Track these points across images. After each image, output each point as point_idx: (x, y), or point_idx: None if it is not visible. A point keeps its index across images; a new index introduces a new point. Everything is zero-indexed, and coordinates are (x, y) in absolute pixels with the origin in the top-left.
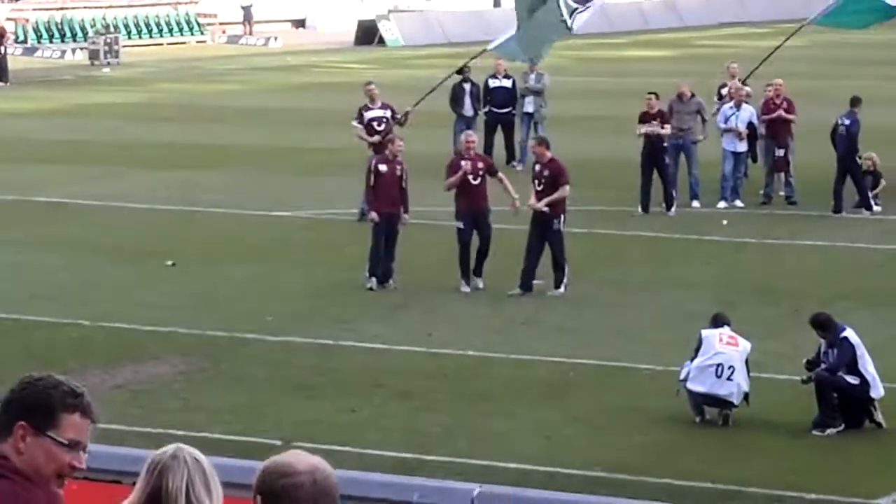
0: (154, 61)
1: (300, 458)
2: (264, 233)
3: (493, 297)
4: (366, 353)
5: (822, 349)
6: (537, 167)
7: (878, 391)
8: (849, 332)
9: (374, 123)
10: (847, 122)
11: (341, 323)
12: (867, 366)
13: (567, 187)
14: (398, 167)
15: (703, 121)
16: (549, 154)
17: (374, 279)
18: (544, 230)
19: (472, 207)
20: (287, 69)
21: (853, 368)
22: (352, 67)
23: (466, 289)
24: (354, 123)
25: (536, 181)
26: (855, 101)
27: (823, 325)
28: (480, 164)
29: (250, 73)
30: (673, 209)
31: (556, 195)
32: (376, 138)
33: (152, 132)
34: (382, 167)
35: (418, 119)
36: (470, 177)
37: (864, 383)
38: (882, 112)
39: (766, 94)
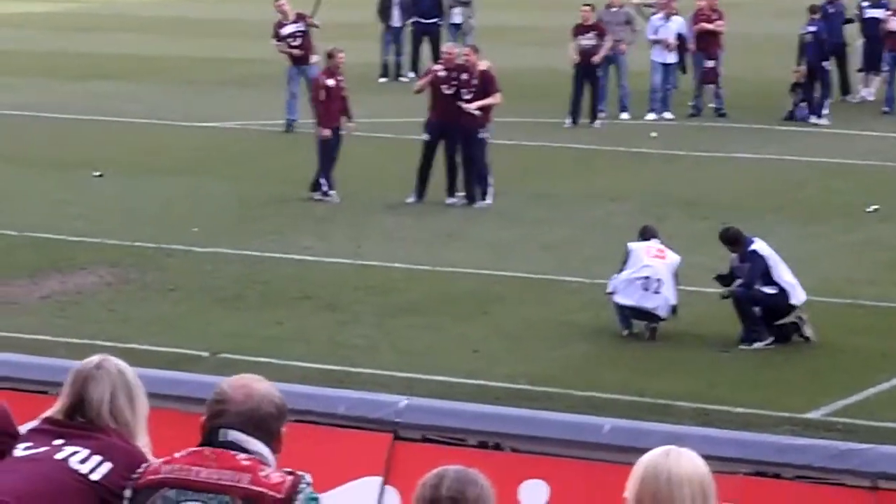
0: None
1: (238, 385)
2: (190, 144)
3: (421, 211)
4: (293, 265)
5: (734, 263)
6: (465, 76)
7: (797, 297)
8: (758, 245)
9: (290, 39)
10: (813, 28)
11: (269, 235)
12: (782, 274)
13: (499, 95)
14: (341, 78)
15: (633, 31)
16: (480, 63)
17: (332, 192)
18: (468, 139)
19: (443, 118)
20: None
21: (768, 279)
22: None
23: (411, 199)
24: (273, 42)
25: (465, 90)
26: (814, 9)
27: (732, 239)
28: (464, 76)
29: None
30: (598, 122)
31: (488, 100)
32: (296, 52)
33: (75, 42)
34: (330, 81)
35: (346, 31)
36: (443, 85)
37: (782, 292)
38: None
39: (697, 4)
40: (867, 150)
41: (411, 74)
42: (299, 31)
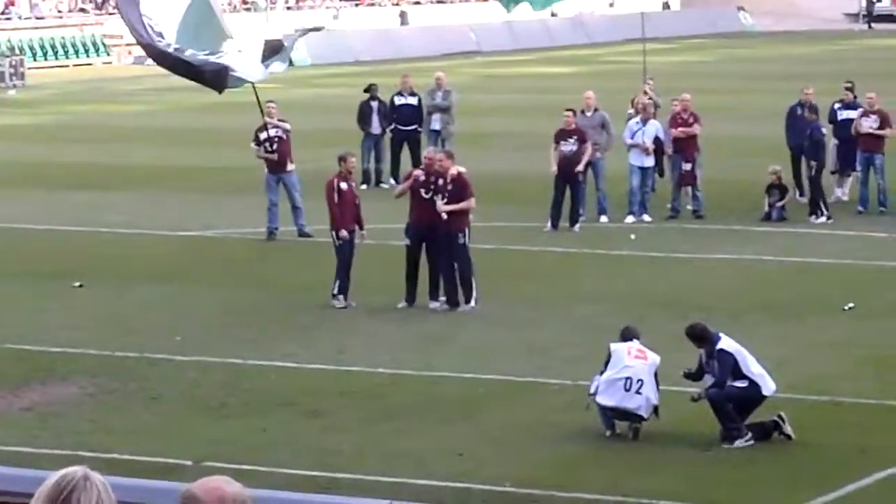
0: (60, 83)
1: (209, 489)
2: (172, 252)
3: (404, 315)
4: (276, 372)
5: (703, 359)
6: (440, 181)
7: (768, 388)
8: (724, 342)
9: (267, 144)
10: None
11: (251, 342)
12: (750, 367)
13: (472, 200)
14: (353, 184)
15: (608, 134)
16: (453, 168)
17: (341, 297)
18: (450, 245)
19: (421, 222)
20: (193, 89)
21: (738, 373)
22: (259, 87)
23: (402, 304)
24: (252, 146)
25: (440, 196)
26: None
27: (699, 336)
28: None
29: (156, 94)
30: (577, 225)
31: (462, 204)
32: (273, 157)
33: (57, 153)
34: (343, 185)
35: (328, 138)
36: (422, 190)
37: (753, 384)
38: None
39: (673, 108)
40: (843, 250)
41: (392, 181)
42: (277, 137)
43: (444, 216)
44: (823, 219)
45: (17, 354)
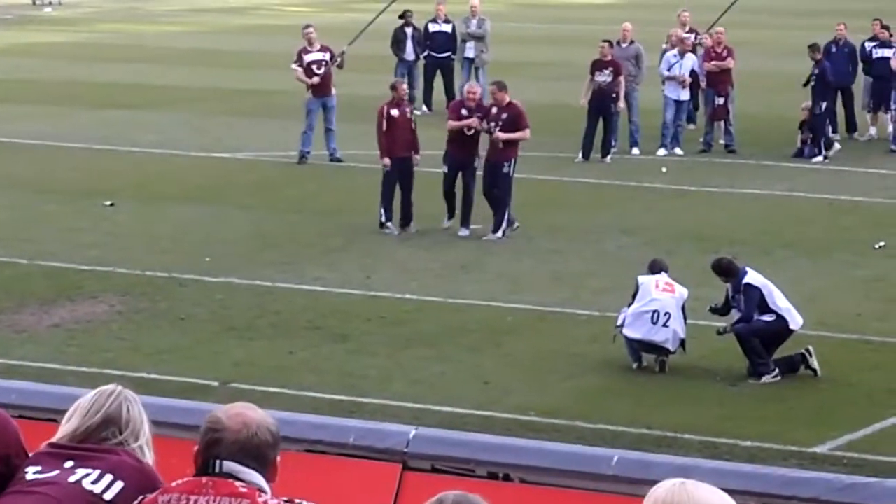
0: (96, 2)
1: (233, 414)
2: (204, 174)
3: (432, 242)
4: (304, 296)
5: (730, 294)
6: (494, 110)
7: (795, 322)
8: (750, 276)
9: (314, 66)
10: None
11: (280, 265)
12: (777, 301)
13: (528, 131)
14: (407, 109)
15: (639, 67)
16: (507, 98)
17: (390, 223)
18: (493, 172)
19: (461, 156)
20: (230, 11)
21: (764, 308)
22: (294, 10)
23: (446, 223)
24: (294, 66)
25: (493, 124)
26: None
27: (726, 270)
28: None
29: (193, 15)
30: (609, 157)
31: (517, 134)
32: (316, 80)
33: (93, 72)
34: (394, 112)
35: (360, 63)
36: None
37: (780, 318)
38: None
39: (707, 42)
40: (875, 188)
41: (424, 108)
42: (324, 61)
43: (500, 145)
44: (820, 158)
45: (46, 271)
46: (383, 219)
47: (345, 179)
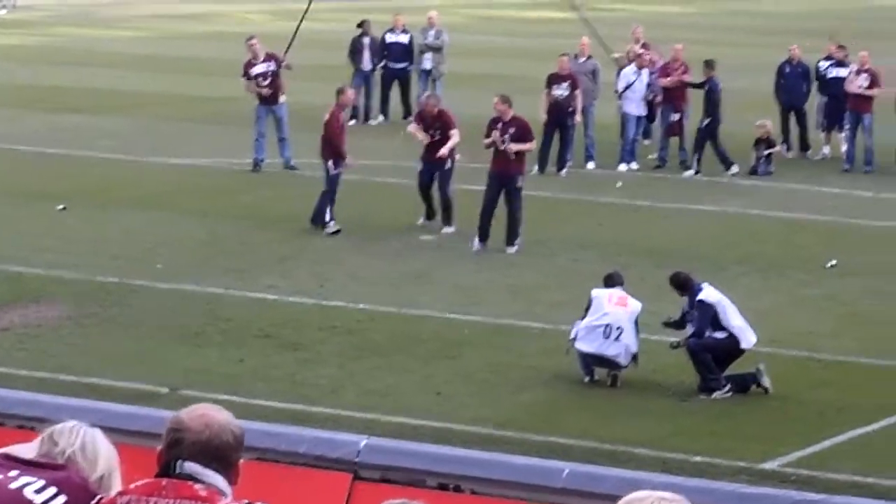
0: (52, 5)
1: (196, 415)
2: (157, 180)
3: (387, 251)
4: (256, 304)
5: (685, 308)
6: (500, 124)
7: (747, 341)
8: (705, 293)
9: (260, 79)
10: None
11: (233, 272)
12: (731, 319)
13: (534, 142)
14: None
15: (595, 83)
16: (511, 111)
17: (332, 222)
18: (506, 186)
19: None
20: (187, 17)
21: (718, 325)
22: (254, 17)
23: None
24: (242, 80)
25: (504, 136)
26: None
27: (682, 285)
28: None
29: (148, 20)
30: (564, 170)
31: (526, 145)
32: (265, 91)
33: (47, 75)
34: (342, 115)
35: (317, 72)
36: (430, 130)
37: (732, 336)
38: (763, 80)
39: (663, 59)
40: (827, 207)
41: (381, 118)
42: (270, 71)
43: (512, 156)
44: (691, 172)
45: None
46: (329, 218)
47: (299, 187)
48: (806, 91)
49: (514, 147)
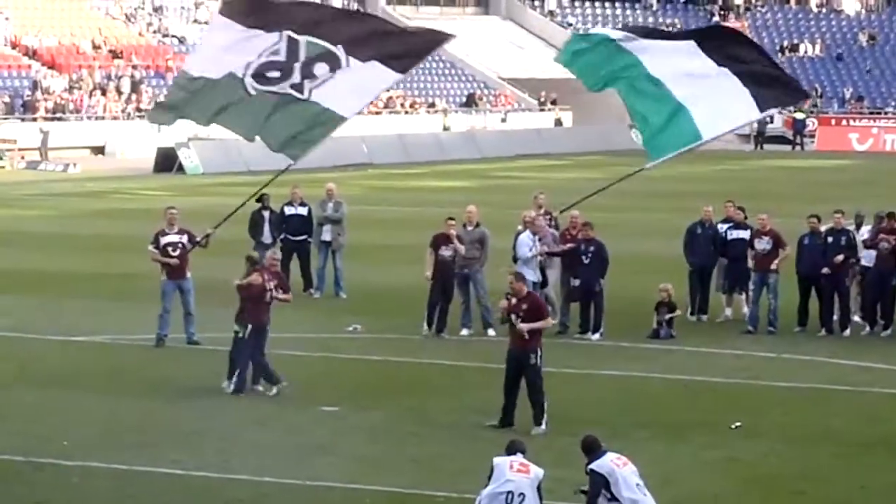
0: None
1: None
2: (62, 358)
3: (291, 424)
4: (161, 479)
5: None
6: (514, 301)
7: None
8: (599, 462)
9: (170, 248)
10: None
11: (137, 448)
12: (622, 491)
13: (550, 319)
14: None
15: (484, 252)
16: (526, 288)
17: (232, 384)
18: (522, 365)
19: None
20: (87, 195)
21: (612, 495)
22: (151, 194)
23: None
24: (150, 248)
25: (514, 315)
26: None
27: (586, 449)
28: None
29: (50, 199)
30: (465, 330)
31: (539, 323)
32: (174, 261)
33: None
34: (258, 280)
35: (217, 247)
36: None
37: None
38: (663, 244)
39: (562, 225)
40: (731, 369)
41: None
42: (180, 243)
43: (526, 336)
44: (598, 336)
45: None
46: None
47: (202, 362)
48: (713, 253)
49: (526, 327)
